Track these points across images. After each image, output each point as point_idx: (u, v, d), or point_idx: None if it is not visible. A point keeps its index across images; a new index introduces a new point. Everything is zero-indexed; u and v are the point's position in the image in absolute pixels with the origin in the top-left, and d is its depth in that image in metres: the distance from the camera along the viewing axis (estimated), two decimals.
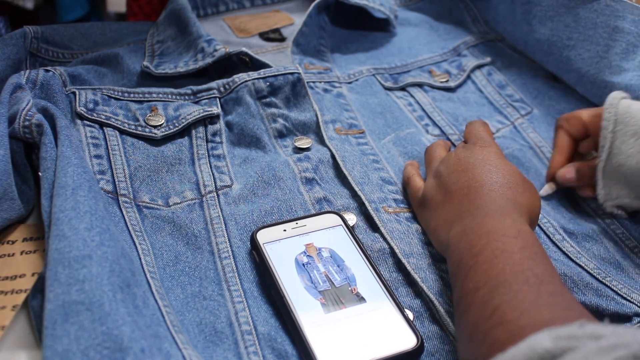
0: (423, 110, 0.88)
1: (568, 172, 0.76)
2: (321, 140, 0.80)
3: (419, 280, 0.65)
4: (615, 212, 0.74)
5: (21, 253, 0.65)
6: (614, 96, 0.73)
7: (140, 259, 0.64)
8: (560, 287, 0.52)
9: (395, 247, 0.68)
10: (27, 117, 0.70)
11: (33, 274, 0.62)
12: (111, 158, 0.73)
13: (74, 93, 0.78)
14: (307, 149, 0.78)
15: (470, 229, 0.60)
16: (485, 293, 0.52)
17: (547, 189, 0.77)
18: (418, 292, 0.65)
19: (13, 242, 0.66)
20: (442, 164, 0.70)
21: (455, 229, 0.62)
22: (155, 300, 0.59)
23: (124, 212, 0.69)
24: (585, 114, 0.76)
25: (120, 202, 0.69)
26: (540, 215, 0.69)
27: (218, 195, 0.72)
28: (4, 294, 0.60)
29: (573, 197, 0.78)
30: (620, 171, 0.71)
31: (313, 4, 0.95)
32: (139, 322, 0.53)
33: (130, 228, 0.67)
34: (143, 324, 0.53)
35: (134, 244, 0.65)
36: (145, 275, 0.62)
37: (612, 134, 0.71)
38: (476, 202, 0.63)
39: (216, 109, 0.80)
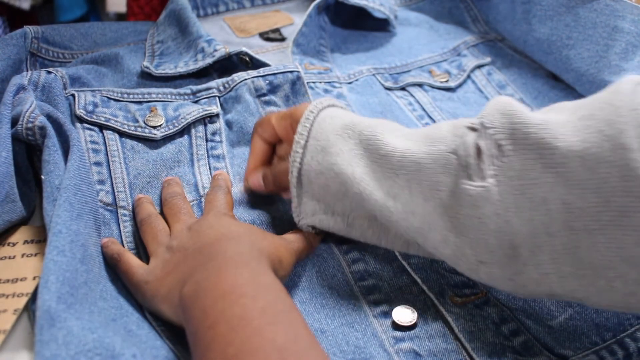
0: (423, 109, 0.88)
1: (255, 178, 0.71)
2: None
3: (419, 280, 0.65)
4: (310, 231, 0.68)
5: (22, 256, 0.64)
6: (315, 106, 0.67)
7: None
8: (308, 356, 0.48)
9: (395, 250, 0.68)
10: (30, 119, 0.70)
11: (34, 278, 0.61)
12: (111, 165, 0.73)
13: (73, 95, 0.78)
14: None
15: (204, 290, 0.53)
16: None
17: (245, 187, 0.73)
18: (420, 291, 0.65)
19: (14, 245, 0.66)
20: (174, 239, 0.62)
21: (188, 286, 0.55)
22: (150, 323, 0.59)
23: (122, 228, 0.69)
24: (274, 117, 0.71)
25: (119, 215, 0.69)
26: None
27: None
28: (5, 297, 0.60)
29: None
30: (312, 187, 0.65)
31: (313, 4, 0.95)
32: (133, 339, 0.53)
33: (125, 247, 0.67)
34: (138, 340, 0.54)
35: None
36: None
37: (302, 149, 0.64)
38: (210, 253, 0.57)
39: (216, 108, 0.80)
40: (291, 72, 0.84)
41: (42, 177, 0.65)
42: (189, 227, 0.63)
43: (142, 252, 0.66)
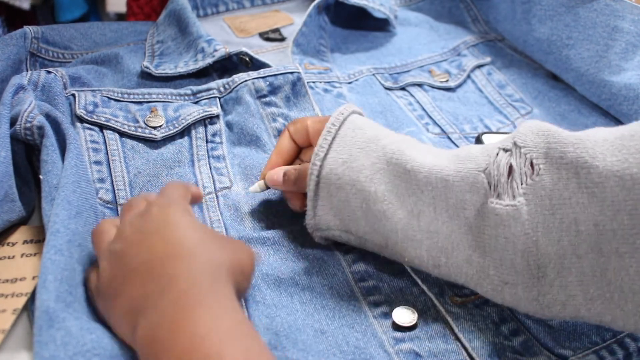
0: (423, 109, 0.88)
1: (275, 174, 0.68)
2: None
3: (419, 281, 0.65)
4: (323, 242, 0.67)
5: (21, 255, 0.64)
6: (341, 111, 0.65)
7: None
8: None
9: None
10: (29, 119, 0.70)
11: (33, 277, 0.61)
12: (111, 165, 0.73)
13: (73, 95, 0.78)
14: None
15: (160, 342, 0.46)
16: None
17: (256, 187, 0.70)
18: (420, 291, 0.65)
19: (13, 244, 0.66)
20: (117, 240, 0.54)
21: (141, 329, 0.48)
22: None
23: None
24: (310, 120, 0.69)
25: (119, 212, 0.69)
26: None
27: (217, 196, 0.72)
28: (4, 297, 0.60)
29: None
30: (331, 200, 0.62)
31: (313, 4, 0.95)
32: None
33: None
34: None
35: None
36: None
37: (321, 161, 0.62)
38: (161, 281, 0.50)
39: (216, 109, 0.80)
40: (292, 73, 0.84)
41: (41, 176, 0.65)
42: (130, 222, 0.55)
43: None
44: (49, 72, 0.79)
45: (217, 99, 0.82)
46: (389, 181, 0.60)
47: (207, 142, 0.78)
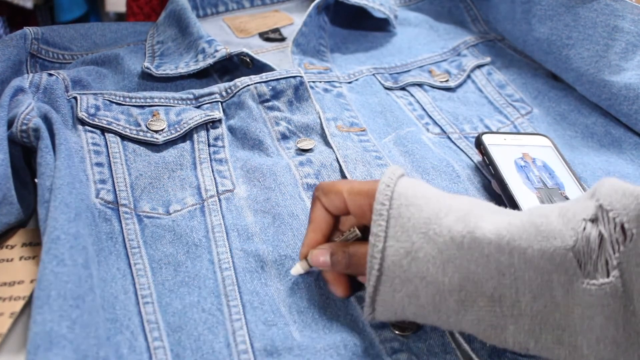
0: (423, 109, 0.88)
1: (321, 255, 0.62)
2: (324, 140, 0.80)
3: None
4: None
5: (20, 258, 0.65)
6: (386, 184, 0.57)
7: (134, 283, 0.63)
8: None
9: None
10: (25, 121, 0.70)
11: (32, 281, 0.62)
12: (112, 166, 0.73)
13: (75, 98, 0.78)
14: (310, 150, 0.78)
15: None
16: None
17: (298, 268, 0.64)
18: None
19: (12, 247, 0.66)
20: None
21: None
22: (145, 336, 0.59)
23: (123, 225, 0.68)
24: (345, 191, 0.61)
25: (120, 212, 0.69)
26: None
27: (220, 200, 0.72)
28: (2, 300, 0.60)
29: None
30: (395, 295, 0.55)
31: (313, 4, 0.95)
32: None
33: (127, 244, 0.67)
34: None
35: (129, 265, 0.64)
36: (138, 302, 0.61)
37: (380, 253, 0.55)
38: None
39: (218, 114, 0.80)
40: (294, 77, 0.84)
41: (36, 180, 0.65)
42: None
43: (143, 250, 0.66)
44: (50, 74, 0.79)
45: (220, 104, 0.82)
46: (462, 267, 0.53)
47: (209, 145, 0.78)
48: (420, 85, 0.92)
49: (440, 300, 0.54)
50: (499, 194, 0.76)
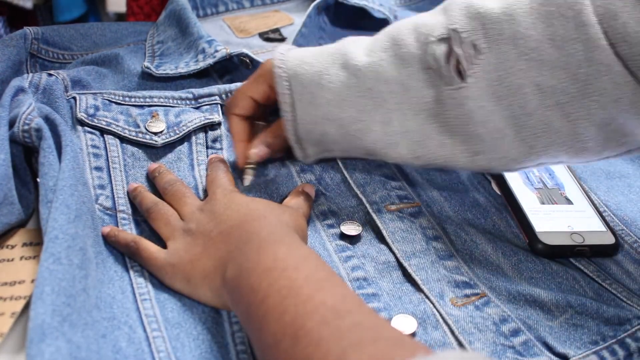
0: None
1: (260, 150, 0.73)
2: None
3: (420, 282, 0.65)
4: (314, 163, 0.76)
5: (20, 258, 0.64)
6: (281, 60, 0.71)
7: (132, 284, 0.63)
8: (359, 311, 0.49)
9: (396, 251, 0.67)
10: (27, 121, 0.70)
11: (32, 280, 0.61)
12: (111, 172, 0.72)
13: (74, 98, 0.78)
14: None
15: (248, 270, 0.55)
16: (288, 347, 0.48)
17: (247, 177, 0.74)
18: (421, 296, 0.64)
19: (12, 247, 0.66)
20: (190, 222, 0.64)
21: (230, 270, 0.57)
22: (143, 327, 0.59)
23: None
24: (249, 90, 0.73)
25: (118, 219, 0.69)
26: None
27: None
28: (3, 300, 0.60)
29: None
30: (311, 137, 0.70)
31: (312, 5, 0.95)
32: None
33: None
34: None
35: (127, 268, 0.64)
36: (135, 300, 0.61)
37: (291, 107, 0.69)
38: (242, 236, 0.59)
39: (217, 117, 0.80)
40: None
41: (38, 179, 0.65)
42: (200, 208, 0.65)
43: None
44: (50, 74, 0.79)
45: (219, 106, 0.81)
46: (356, 102, 0.67)
47: (207, 147, 0.77)
48: None
49: (345, 132, 0.69)
50: (499, 194, 0.76)
